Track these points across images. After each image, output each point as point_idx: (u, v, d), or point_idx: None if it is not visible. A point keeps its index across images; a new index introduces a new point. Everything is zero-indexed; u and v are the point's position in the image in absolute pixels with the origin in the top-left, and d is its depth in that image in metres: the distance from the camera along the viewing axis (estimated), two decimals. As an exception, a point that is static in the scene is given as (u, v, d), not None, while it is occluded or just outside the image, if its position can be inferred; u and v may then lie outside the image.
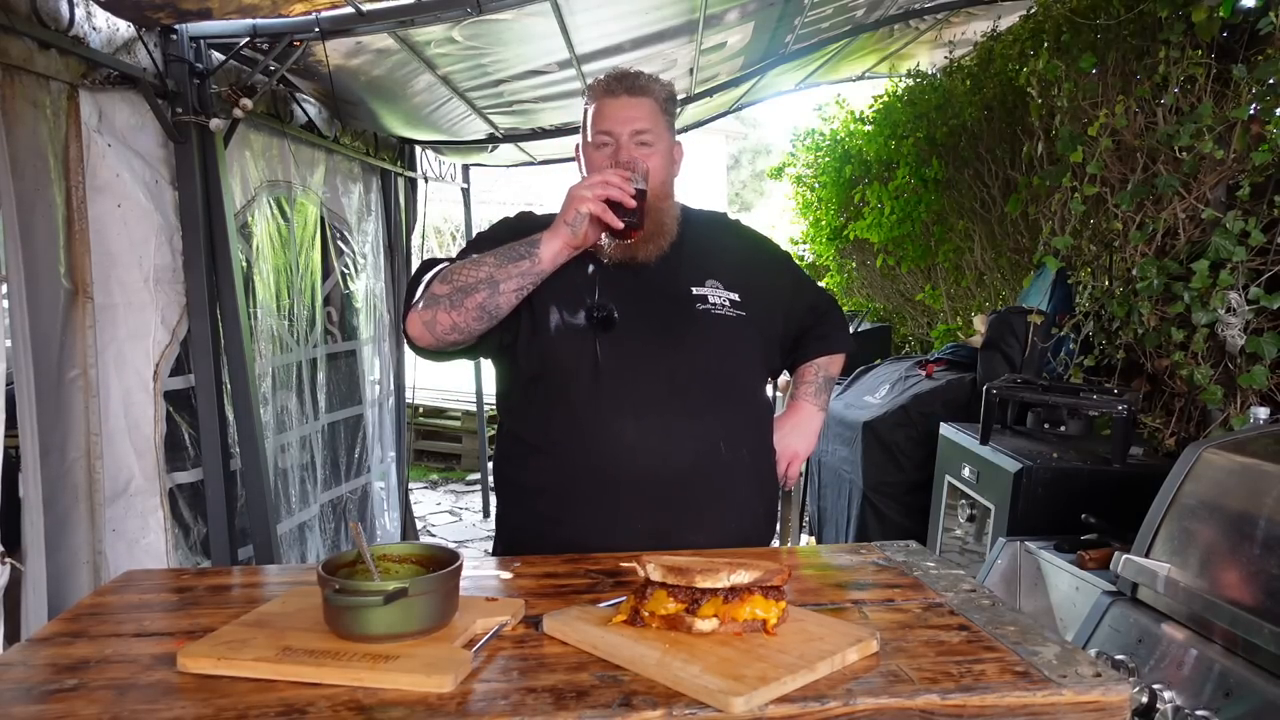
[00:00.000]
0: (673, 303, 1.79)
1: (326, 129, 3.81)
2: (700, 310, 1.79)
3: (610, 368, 1.72)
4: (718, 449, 1.76)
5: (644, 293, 1.79)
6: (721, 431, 1.77)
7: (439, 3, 2.74)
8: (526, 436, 1.80)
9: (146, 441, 2.61)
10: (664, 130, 1.83)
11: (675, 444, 1.71)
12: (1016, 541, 2.60)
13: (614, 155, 1.78)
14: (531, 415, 1.79)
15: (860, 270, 6.76)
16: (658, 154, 1.80)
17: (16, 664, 1.18)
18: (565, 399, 1.74)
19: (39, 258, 2.25)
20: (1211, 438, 2.23)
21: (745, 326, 1.82)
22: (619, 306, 1.76)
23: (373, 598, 1.16)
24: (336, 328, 4.21)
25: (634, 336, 1.75)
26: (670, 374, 1.73)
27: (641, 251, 1.78)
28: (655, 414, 1.71)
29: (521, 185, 12.44)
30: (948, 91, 5.27)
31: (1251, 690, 1.58)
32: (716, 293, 1.81)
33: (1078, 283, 3.56)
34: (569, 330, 1.75)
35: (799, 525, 4.90)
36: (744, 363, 1.85)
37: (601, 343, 1.73)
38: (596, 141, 1.80)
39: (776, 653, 1.15)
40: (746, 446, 1.82)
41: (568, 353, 1.74)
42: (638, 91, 1.80)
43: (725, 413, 1.78)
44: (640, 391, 1.72)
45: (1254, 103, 2.91)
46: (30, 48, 2.17)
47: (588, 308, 1.75)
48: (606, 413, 1.71)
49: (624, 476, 1.70)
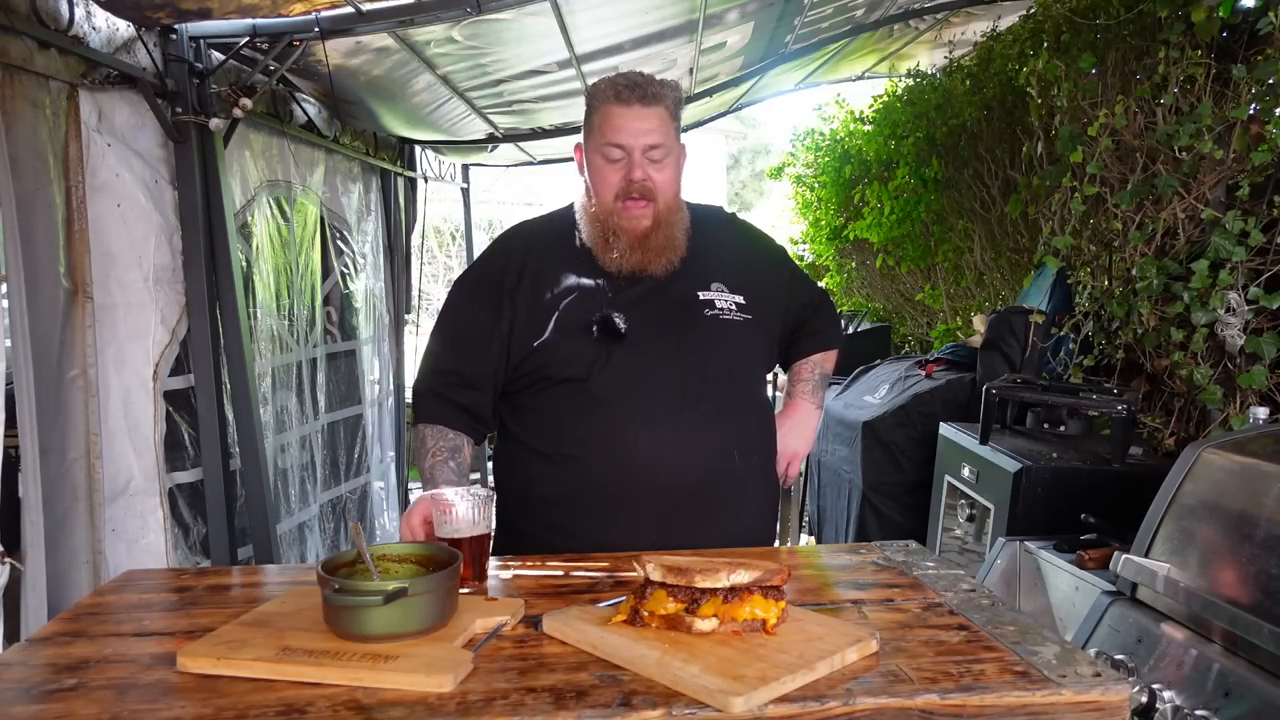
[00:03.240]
0: (682, 310, 1.77)
1: (326, 129, 3.81)
2: (709, 316, 1.77)
3: (622, 380, 1.70)
4: (731, 457, 1.75)
5: (653, 301, 1.77)
6: (735, 439, 1.76)
7: (439, 2, 2.74)
8: (533, 444, 1.77)
9: (146, 441, 2.61)
10: (675, 139, 1.78)
11: (690, 455, 1.70)
12: (1016, 541, 2.60)
13: (627, 173, 1.73)
14: (539, 423, 1.77)
15: (860, 270, 6.76)
16: (669, 167, 1.76)
17: (16, 664, 1.18)
18: (576, 410, 1.72)
19: (39, 257, 2.25)
20: (1211, 438, 2.23)
21: (752, 330, 1.80)
22: (629, 316, 1.73)
23: (372, 598, 1.16)
24: (336, 328, 4.21)
25: (645, 347, 1.73)
26: (683, 384, 1.72)
27: (653, 265, 1.76)
28: (668, 426, 1.69)
29: (521, 185, 12.44)
30: (947, 91, 5.27)
31: (1251, 690, 1.58)
32: (723, 296, 1.80)
33: (1077, 283, 3.56)
34: (580, 341, 1.72)
35: (799, 525, 4.90)
36: (752, 367, 1.84)
37: (613, 353, 1.71)
38: (606, 154, 1.74)
39: (776, 653, 1.15)
40: (757, 452, 1.82)
41: (579, 364, 1.72)
42: (651, 100, 1.72)
43: (737, 420, 1.77)
44: (653, 403, 1.70)
45: (1253, 103, 2.91)
46: (30, 47, 2.17)
47: (598, 320, 1.72)
48: (619, 425, 1.69)
49: (637, 489, 1.69)
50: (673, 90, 1.78)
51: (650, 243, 1.75)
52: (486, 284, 1.82)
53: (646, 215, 1.74)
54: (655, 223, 1.75)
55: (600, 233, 1.76)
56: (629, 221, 1.74)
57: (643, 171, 1.72)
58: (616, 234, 1.74)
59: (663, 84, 1.77)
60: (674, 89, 1.79)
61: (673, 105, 1.77)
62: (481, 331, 1.78)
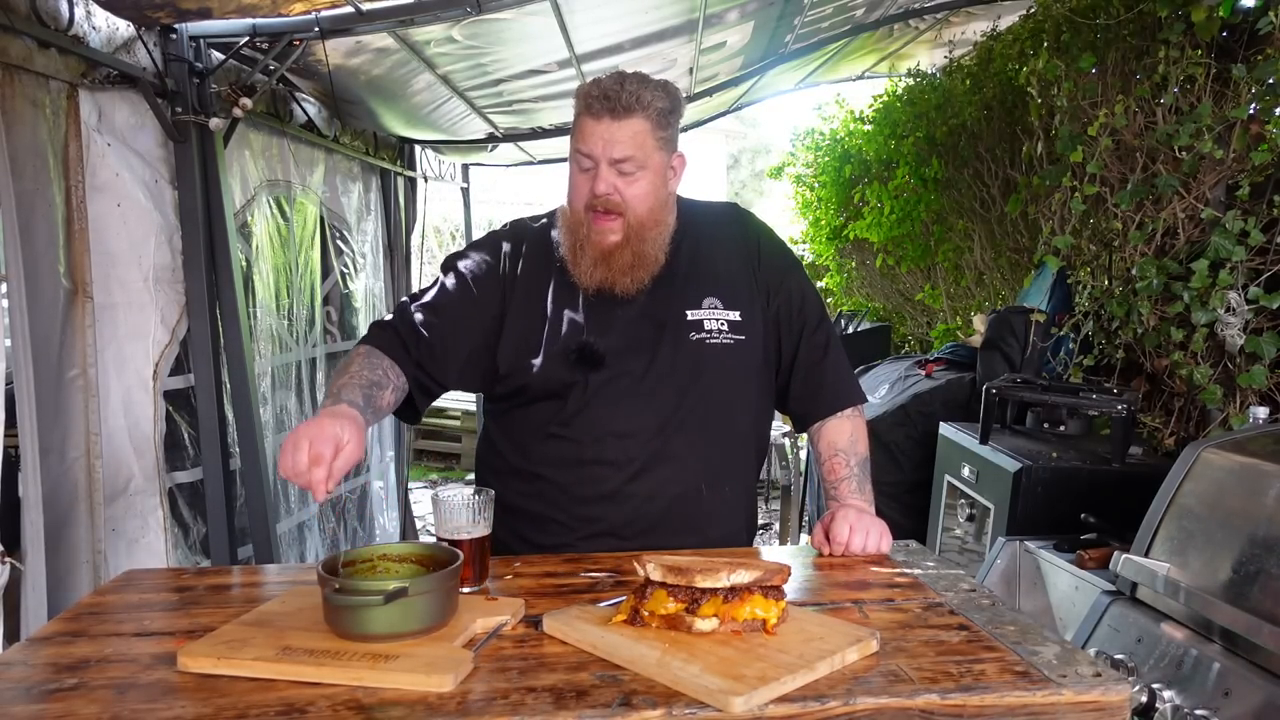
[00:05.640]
0: (666, 334, 1.69)
1: (326, 128, 3.81)
2: (694, 341, 1.69)
3: (593, 408, 1.66)
4: (699, 491, 1.70)
5: (636, 324, 1.69)
6: (704, 474, 1.71)
7: (439, 2, 2.74)
8: (508, 454, 1.75)
9: (146, 441, 2.60)
10: (653, 151, 1.65)
11: (655, 487, 1.67)
12: (1016, 541, 2.60)
13: (592, 183, 1.64)
14: (515, 436, 1.75)
15: (860, 270, 6.76)
16: (641, 180, 1.65)
17: (16, 663, 1.18)
18: (547, 431, 1.69)
19: (39, 257, 2.25)
20: (1211, 437, 2.23)
21: (742, 352, 1.72)
22: (609, 340, 1.67)
23: (373, 597, 1.16)
24: (336, 327, 4.21)
25: (622, 375, 1.67)
26: (658, 416, 1.67)
27: (619, 283, 1.68)
28: (637, 459, 1.66)
29: (521, 184, 12.44)
30: (947, 91, 5.27)
31: (1251, 690, 1.58)
32: (714, 316, 1.71)
33: (1077, 282, 3.56)
34: (557, 365, 1.67)
35: (799, 525, 4.90)
36: (738, 393, 1.74)
37: (590, 380, 1.66)
38: (579, 161, 1.66)
39: (776, 652, 1.15)
40: (729, 483, 1.75)
41: (554, 388, 1.68)
42: (622, 113, 1.61)
43: (711, 452, 1.71)
44: (620, 434, 1.66)
45: (1253, 102, 2.92)
46: (30, 47, 2.17)
47: (576, 347, 1.67)
48: (587, 454, 1.66)
49: (598, 516, 1.67)
50: (658, 97, 1.64)
51: (615, 260, 1.66)
52: (481, 268, 1.76)
53: (615, 230, 1.65)
54: (624, 239, 1.66)
55: (572, 242, 1.70)
56: (596, 235, 1.66)
57: (608, 184, 1.63)
58: (584, 246, 1.68)
59: (643, 91, 1.63)
60: (660, 97, 1.65)
61: (656, 115, 1.64)
62: (461, 309, 1.73)
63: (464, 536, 1.43)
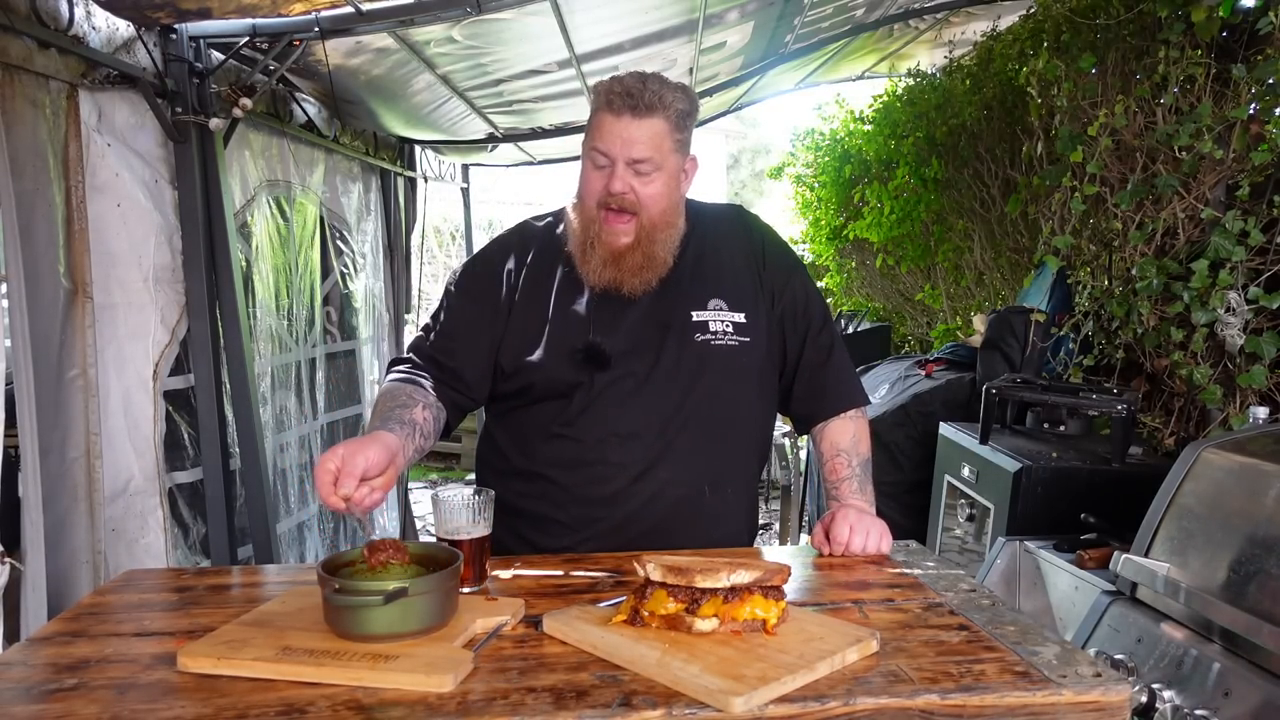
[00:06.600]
0: (671, 335, 1.69)
1: (326, 128, 3.81)
2: (699, 342, 1.69)
3: (598, 409, 1.66)
4: (701, 493, 1.71)
5: (641, 325, 1.70)
6: (707, 475, 1.71)
7: (439, 2, 2.74)
8: (510, 454, 1.75)
9: (146, 441, 2.61)
10: (670, 153, 1.64)
11: (658, 488, 1.67)
12: (1016, 541, 2.60)
13: (607, 181, 1.63)
14: (518, 436, 1.75)
15: (860, 270, 6.76)
16: (657, 181, 1.64)
17: (16, 663, 1.18)
18: (551, 431, 1.69)
19: (39, 257, 2.25)
20: (1211, 437, 2.23)
21: (747, 354, 1.72)
22: (614, 340, 1.67)
23: (373, 598, 1.16)
24: (335, 327, 4.21)
25: (627, 375, 1.67)
26: (661, 418, 1.67)
27: (627, 283, 1.68)
28: (638, 459, 1.66)
29: (521, 185, 12.44)
30: (947, 91, 5.27)
31: (1251, 690, 1.58)
32: (719, 317, 1.71)
33: (1077, 282, 3.56)
34: (562, 365, 1.68)
35: (799, 525, 4.90)
36: (742, 395, 1.75)
37: (595, 380, 1.67)
38: (594, 158, 1.65)
39: (776, 653, 1.15)
40: (731, 485, 1.75)
41: (559, 388, 1.68)
42: (644, 112, 1.60)
43: (714, 454, 1.72)
44: (624, 435, 1.66)
45: (1253, 102, 2.92)
46: (30, 47, 2.17)
47: (583, 347, 1.67)
48: (591, 455, 1.66)
49: (600, 517, 1.67)
50: (678, 99, 1.64)
51: (626, 261, 1.66)
52: (485, 283, 1.77)
53: (627, 232, 1.65)
54: (636, 240, 1.66)
55: (582, 239, 1.69)
56: (608, 235, 1.66)
57: (624, 183, 1.62)
58: (594, 245, 1.67)
59: (665, 91, 1.62)
60: (681, 99, 1.64)
61: (676, 117, 1.63)
62: (474, 328, 1.74)
63: (464, 536, 1.44)
